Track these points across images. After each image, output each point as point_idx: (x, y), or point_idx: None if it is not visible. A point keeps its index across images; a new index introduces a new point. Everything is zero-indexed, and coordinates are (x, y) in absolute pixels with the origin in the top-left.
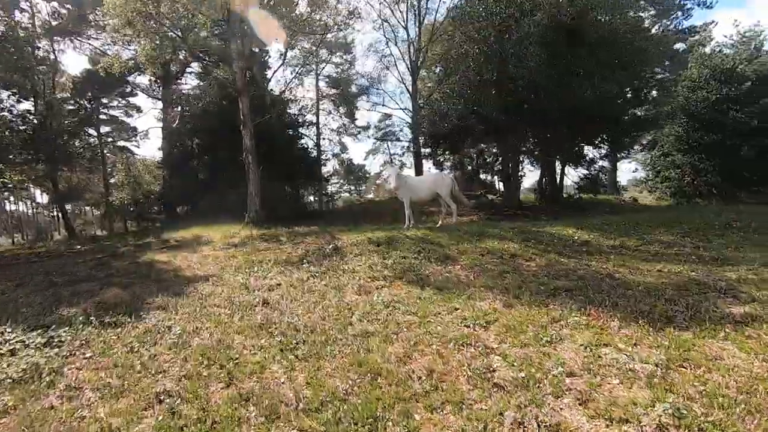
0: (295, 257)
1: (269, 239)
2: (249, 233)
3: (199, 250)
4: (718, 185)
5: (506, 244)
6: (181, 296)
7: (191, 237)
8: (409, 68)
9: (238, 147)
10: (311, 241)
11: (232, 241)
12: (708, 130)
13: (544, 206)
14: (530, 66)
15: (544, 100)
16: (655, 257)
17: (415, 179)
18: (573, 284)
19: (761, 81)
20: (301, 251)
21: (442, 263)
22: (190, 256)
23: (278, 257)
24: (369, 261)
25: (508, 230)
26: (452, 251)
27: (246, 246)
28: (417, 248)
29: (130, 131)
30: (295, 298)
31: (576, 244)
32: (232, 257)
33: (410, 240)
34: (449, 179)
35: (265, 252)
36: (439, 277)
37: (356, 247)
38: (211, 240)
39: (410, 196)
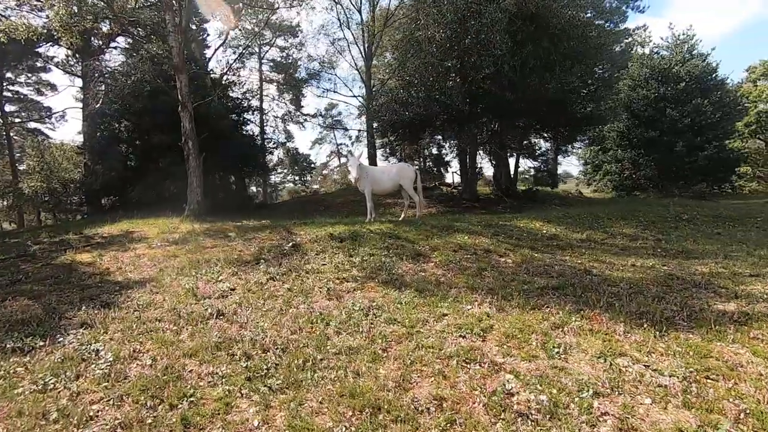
0: (249, 256)
1: (215, 235)
2: (191, 228)
3: (131, 249)
4: (655, 179)
5: (477, 239)
6: (111, 308)
7: (121, 233)
8: (363, 53)
9: (175, 131)
10: (265, 236)
11: (171, 237)
12: (648, 127)
13: (500, 199)
14: (496, 54)
15: (507, 90)
16: (624, 251)
17: (377, 170)
18: (556, 282)
19: (694, 81)
20: (254, 249)
21: (415, 261)
22: (120, 255)
23: (229, 256)
24: (334, 260)
25: (476, 224)
26: (423, 247)
27: (188, 243)
28: (384, 244)
29: (43, 111)
30: (256, 306)
31: (545, 238)
32: (173, 256)
33: (375, 235)
34: (413, 170)
35: (212, 250)
36: (414, 276)
37: (317, 244)
38: (146, 236)
39: (372, 187)
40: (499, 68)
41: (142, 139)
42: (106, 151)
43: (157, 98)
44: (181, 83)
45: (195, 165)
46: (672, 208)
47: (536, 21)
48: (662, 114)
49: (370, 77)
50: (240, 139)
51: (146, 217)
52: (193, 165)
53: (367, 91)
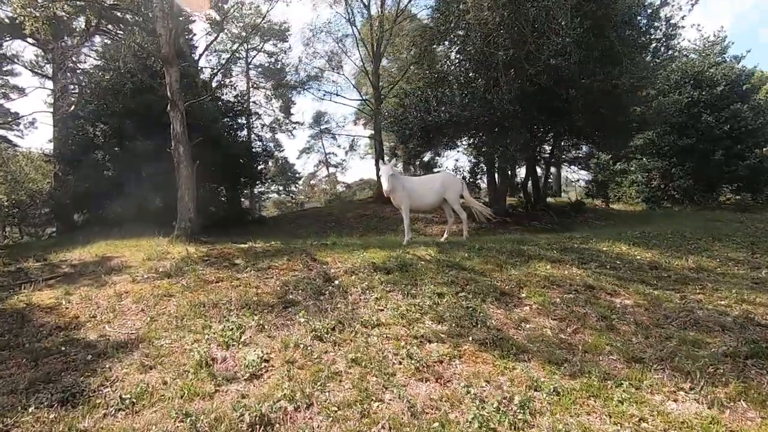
0: (272, 296)
1: (218, 262)
2: (184, 252)
3: (109, 283)
4: (690, 190)
5: (564, 269)
6: (78, 406)
7: (95, 259)
8: (371, 53)
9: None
10: (283, 265)
11: (160, 265)
12: (681, 134)
13: (531, 213)
14: (558, 43)
15: (567, 86)
16: (759, 285)
17: (416, 181)
18: (747, 348)
19: (730, 85)
20: (276, 285)
21: (503, 303)
22: (95, 294)
23: (244, 296)
24: (393, 302)
25: (546, 247)
26: (502, 282)
27: (185, 274)
28: (447, 277)
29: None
30: (318, 399)
31: (645, 266)
32: (167, 296)
33: (428, 263)
34: (459, 181)
35: (218, 286)
36: (521, 332)
37: (358, 277)
38: (128, 264)
39: (410, 202)
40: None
41: (122, 144)
42: (79, 159)
43: (140, 97)
44: (170, 78)
45: (187, 174)
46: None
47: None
48: (697, 120)
49: (378, 78)
50: (235, 145)
51: (127, 237)
52: (184, 174)
53: (376, 93)
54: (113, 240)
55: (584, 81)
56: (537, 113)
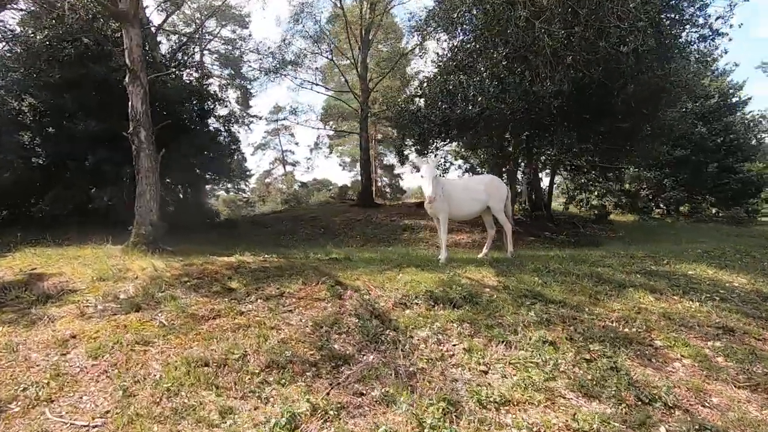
0: (304, 343)
1: (204, 285)
2: (150, 268)
3: (45, 320)
4: (682, 201)
5: (675, 303)
6: None
7: (21, 276)
8: (359, 40)
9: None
10: (300, 291)
11: (121, 289)
12: (675, 145)
13: (537, 222)
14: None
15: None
16: None
17: (457, 185)
18: None
19: (723, 97)
20: (303, 323)
21: (642, 358)
22: (22, 341)
23: (262, 345)
24: (493, 357)
25: (620, 268)
26: (613, 322)
27: (161, 305)
28: (537, 314)
29: None
30: None
31: (754, 297)
32: (142, 345)
33: (498, 292)
34: (505, 185)
35: (217, 326)
36: (717, 415)
37: (417, 314)
38: (71, 286)
39: (450, 210)
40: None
41: (58, 124)
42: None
43: (84, 66)
44: (130, 41)
45: (149, 166)
46: None
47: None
48: (691, 131)
49: (366, 69)
50: (202, 134)
51: (64, 245)
52: (145, 166)
53: (362, 85)
54: (45, 248)
55: (642, 75)
56: (582, 111)
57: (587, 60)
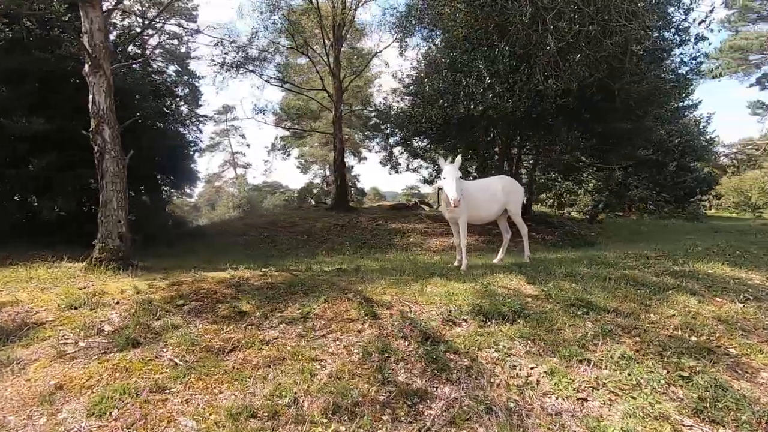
0: (362, 378)
1: (205, 309)
2: (131, 289)
3: (13, 365)
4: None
5: (720, 306)
6: None
7: None
8: (331, 36)
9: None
10: (324, 309)
11: (103, 318)
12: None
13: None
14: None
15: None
16: None
17: (476, 186)
18: None
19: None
20: (346, 351)
21: (728, 369)
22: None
23: (311, 383)
24: (583, 382)
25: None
26: (680, 330)
27: (162, 337)
28: (594, 324)
29: None
30: None
31: None
32: (157, 392)
33: (543, 302)
34: (521, 186)
35: (243, 361)
36: None
37: (473, 332)
38: (35, 318)
39: (470, 213)
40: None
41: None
42: None
43: (25, 53)
44: (91, 24)
45: (115, 170)
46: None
47: None
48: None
49: (339, 66)
50: (168, 133)
51: (7, 264)
52: (111, 170)
53: (336, 83)
54: None
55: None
56: (583, 111)
57: (594, 59)
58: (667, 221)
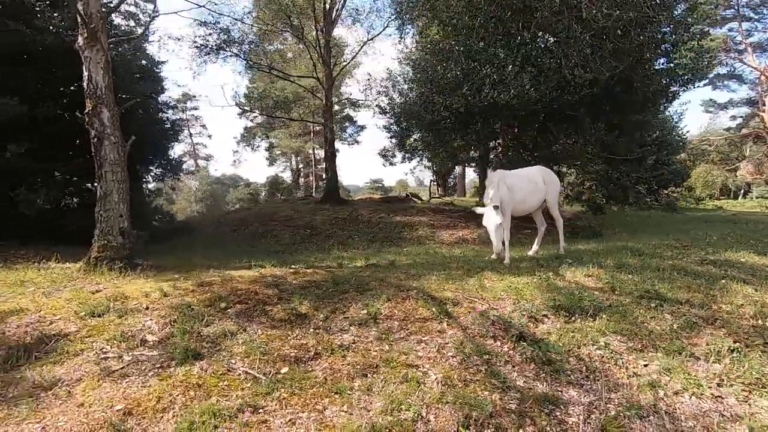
0: (479, 386)
1: (255, 311)
2: (156, 291)
3: (56, 388)
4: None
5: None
6: None
7: None
8: (322, 20)
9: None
10: (390, 309)
11: (136, 327)
12: None
13: None
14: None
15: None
16: None
17: (520, 176)
18: None
19: None
20: (440, 355)
21: None
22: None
23: (426, 396)
24: (699, 375)
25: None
26: (751, 318)
27: (220, 347)
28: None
29: None
30: None
31: None
32: (251, 413)
33: (609, 294)
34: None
35: (328, 370)
36: None
37: (564, 329)
38: (54, 328)
39: (514, 204)
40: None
41: None
42: None
43: None
44: None
45: (115, 158)
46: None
47: None
48: None
49: (330, 52)
50: (154, 119)
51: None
52: (111, 158)
53: (326, 70)
54: None
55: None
56: (604, 103)
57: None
58: (647, 212)
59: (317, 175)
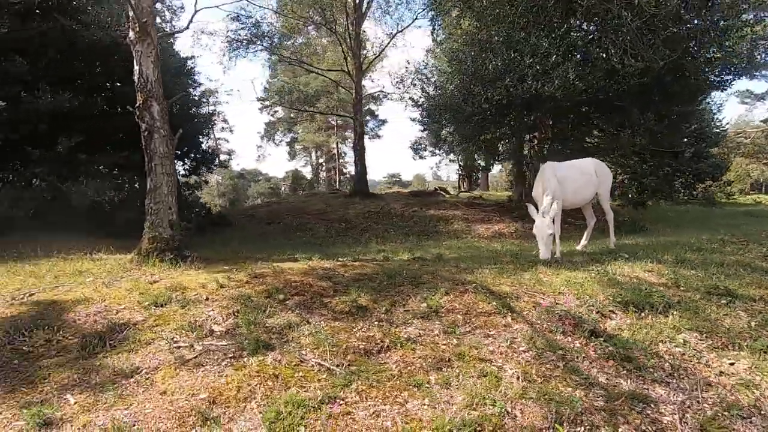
0: (562, 383)
1: (314, 303)
2: (212, 283)
3: (136, 376)
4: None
5: None
6: None
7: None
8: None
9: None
10: (449, 302)
11: (201, 317)
12: None
13: None
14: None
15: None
16: None
17: (573, 167)
18: None
19: None
20: (511, 350)
21: None
22: (126, 414)
23: (508, 392)
24: None
25: (746, 255)
26: None
27: (286, 338)
28: (758, 315)
29: None
30: None
31: None
32: (328, 404)
33: (677, 290)
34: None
35: (400, 363)
36: None
37: (637, 325)
38: (121, 317)
39: (566, 197)
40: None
41: (12, 97)
42: None
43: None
44: None
45: (164, 151)
46: None
47: None
48: None
49: (360, 45)
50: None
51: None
52: (161, 152)
53: (355, 63)
54: (13, 263)
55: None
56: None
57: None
58: (684, 207)
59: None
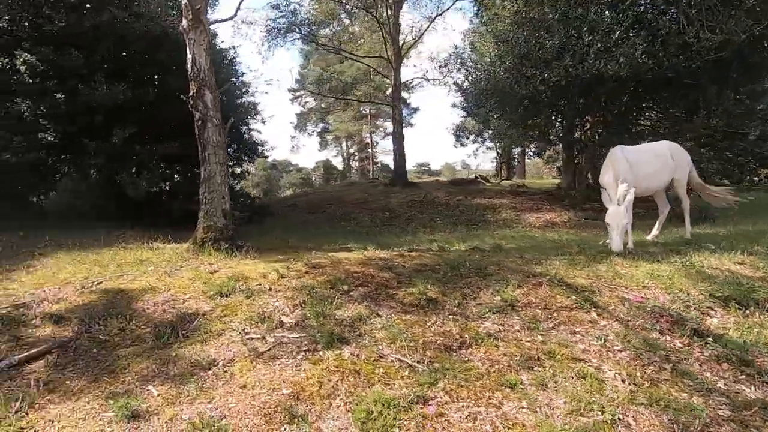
0: (678, 389)
1: (380, 295)
2: (273, 273)
3: (214, 368)
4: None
5: None
6: None
7: (96, 296)
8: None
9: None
10: (524, 295)
11: (268, 308)
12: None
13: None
14: None
15: None
16: None
17: (647, 151)
18: None
19: None
20: (608, 349)
21: None
22: (212, 408)
23: (619, 395)
24: None
25: None
26: None
27: (358, 332)
28: None
29: None
30: None
31: None
32: (420, 404)
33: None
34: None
35: (486, 362)
36: None
37: (745, 324)
38: (189, 307)
39: (640, 183)
40: None
41: (70, 90)
42: None
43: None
44: None
45: (217, 140)
46: None
47: None
48: None
49: (398, 30)
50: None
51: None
52: (213, 141)
53: (394, 48)
54: (77, 252)
55: None
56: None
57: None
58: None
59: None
